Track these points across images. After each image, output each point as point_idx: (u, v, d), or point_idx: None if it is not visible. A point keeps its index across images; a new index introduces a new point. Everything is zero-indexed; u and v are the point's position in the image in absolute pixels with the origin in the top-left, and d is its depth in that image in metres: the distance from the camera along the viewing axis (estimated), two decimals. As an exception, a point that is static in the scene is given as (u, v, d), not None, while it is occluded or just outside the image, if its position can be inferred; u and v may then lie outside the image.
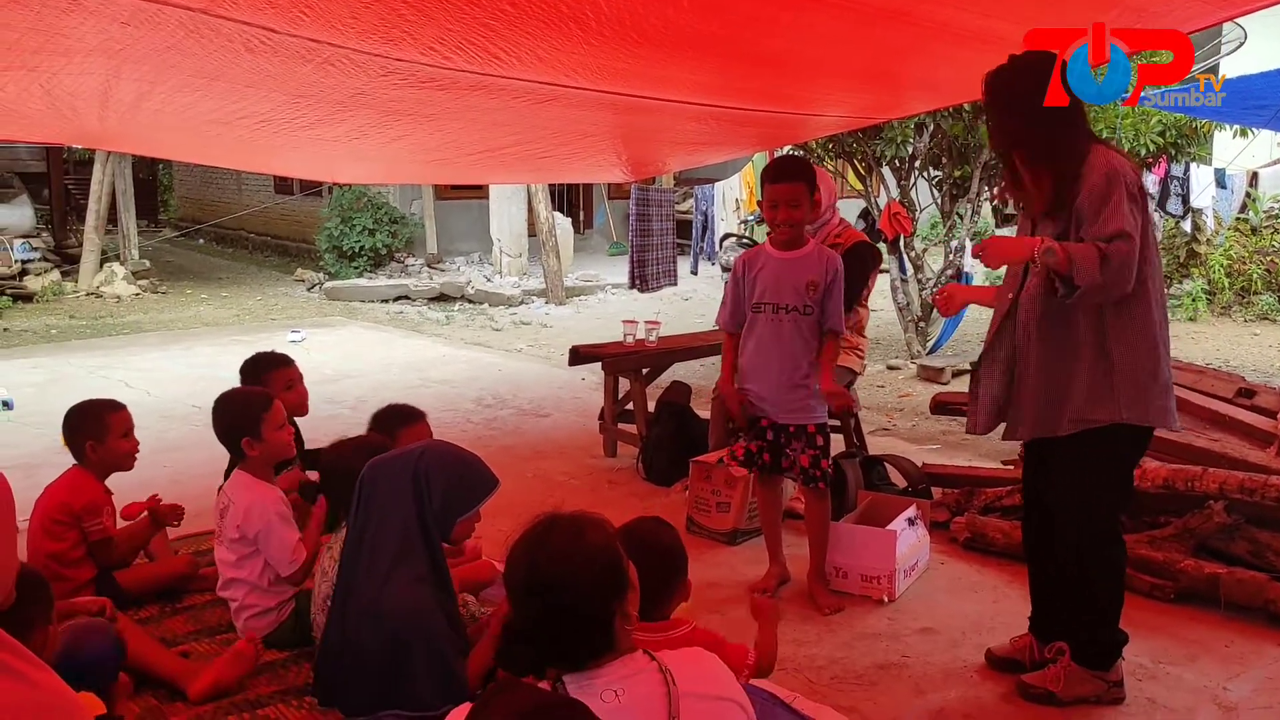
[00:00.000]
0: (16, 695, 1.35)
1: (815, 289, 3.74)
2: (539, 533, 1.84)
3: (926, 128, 8.42)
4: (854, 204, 12.26)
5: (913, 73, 4.56)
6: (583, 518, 1.89)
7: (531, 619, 1.79)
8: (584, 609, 1.77)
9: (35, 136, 6.37)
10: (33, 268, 13.44)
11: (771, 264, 3.82)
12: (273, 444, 3.46)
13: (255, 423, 3.42)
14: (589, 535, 1.84)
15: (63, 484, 3.61)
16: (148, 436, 3.87)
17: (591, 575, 1.79)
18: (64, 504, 3.54)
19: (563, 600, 1.76)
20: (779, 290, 3.78)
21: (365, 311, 12.43)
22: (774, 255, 3.83)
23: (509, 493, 2.37)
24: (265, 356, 4.20)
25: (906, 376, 8.51)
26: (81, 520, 3.53)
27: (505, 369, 8.71)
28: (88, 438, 3.62)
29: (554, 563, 1.79)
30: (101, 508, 3.60)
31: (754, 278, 3.85)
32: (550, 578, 1.78)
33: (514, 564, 1.85)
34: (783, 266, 3.79)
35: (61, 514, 3.53)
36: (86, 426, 3.63)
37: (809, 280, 3.74)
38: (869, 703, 3.14)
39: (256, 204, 17.76)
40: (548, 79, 4.33)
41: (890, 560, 3.85)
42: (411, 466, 2.74)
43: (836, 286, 3.76)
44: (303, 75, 4.04)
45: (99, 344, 9.99)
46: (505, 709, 1.38)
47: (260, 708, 2.99)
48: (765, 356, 3.82)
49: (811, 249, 3.81)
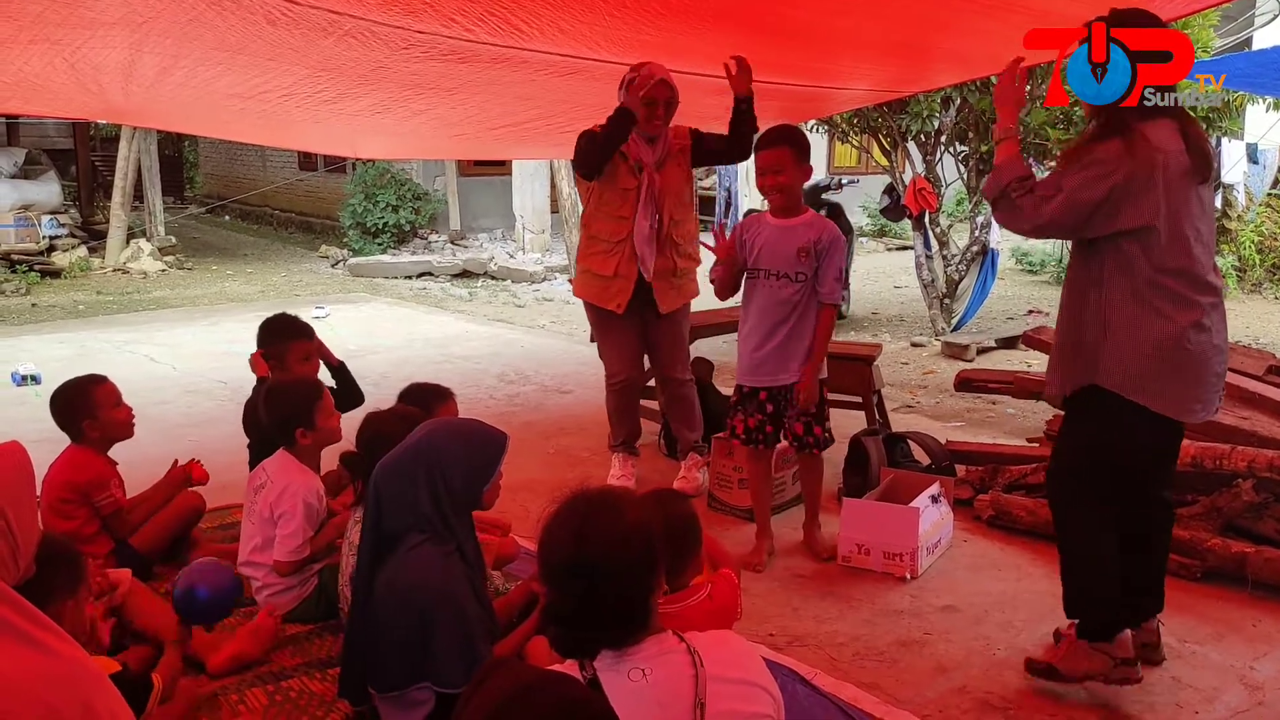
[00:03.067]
0: (36, 664, 1.35)
1: (807, 255, 3.82)
2: (578, 514, 1.82)
3: (953, 102, 8.32)
4: (879, 179, 12.17)
5: (940, 44, 4.51)
6: (618, 497, 1.88)
7: (575, 601, 1.76)
8: (628, 589, 1.77)
9: (61, 111, 6.40)
10: (60, 244, 13.55)
11: (767, 230, 3.93)
12: (324, 432, 3.50)
13: (309, 413, 3.46)
14: (629, 515, 1.82)
15: (64, 464, 3.62)
16: (173, 411, 3.90)
17: (636, 556, 1.78)
18: (69, 482, 3.56)
19: (609, 582, 1.75)
20: (773, 256, 3.88)
21: (389, 288, 12.46)
22: (770, 222, 3.94)
23: (531, 469, 2.36)
24: (288, 323, 4.11)
25: (931, 353, 8.45)
26: (90, 496, 3.55)
27: (528, 345, 8.71)
28: (82, 417, 3.62)
29: (600, 545, 1.77)
30: (108, 480, 3.61)
31: (751, 243, 3.95)
32: (597, 559, 1.76)
33: (555, 546, 1.81)
34: (777, 233, 3.89)
35: (69, 493, 3.55)
36: (78, 405, 3.63)
37: (800, 246, 3.83)
38: (890, 679, 3.13)
39: (281, 180, 17.82)
40: (570, 51, 4.31)
41: (913, 537, 3.82)
42: (423, 461, 2.66)
43: (830, 256, 3.84)
44: (324, 48, 4.03)
45: (126, 319, 10.07)
46: (494, 687, 1.37)
47: (284, 679, 3.01)
48: (760, 320, 3.92)
49: (807, 218, 3.91)
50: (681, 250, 4.63)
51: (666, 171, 4.53)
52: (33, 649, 1.36)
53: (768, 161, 3.81)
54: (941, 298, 8.99)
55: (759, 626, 3.39)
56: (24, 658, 1.34)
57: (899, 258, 14.28)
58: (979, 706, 2.98)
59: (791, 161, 3.79)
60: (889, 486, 4.26)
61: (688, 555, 2.50)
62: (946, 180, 9.11)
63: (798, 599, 3.69)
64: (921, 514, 3.86)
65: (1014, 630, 3.45)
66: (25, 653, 1.35)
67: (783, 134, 3.87)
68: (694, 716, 1.71)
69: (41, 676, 1.35)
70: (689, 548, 2.51)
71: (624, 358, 4.74)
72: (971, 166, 8.88)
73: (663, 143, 4.52)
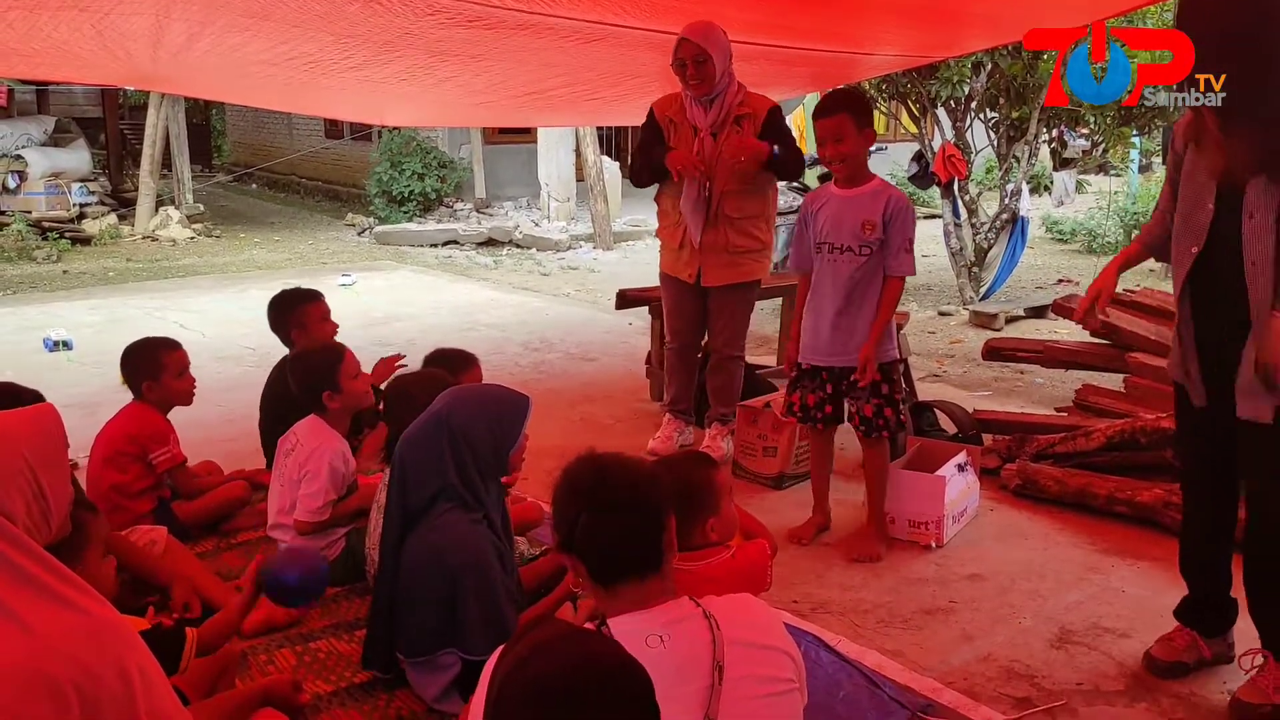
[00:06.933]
0: (71, 623, 1.37)
1: (872, 228, 3.63)
2: (588, 484, 1.87)
3: (984, 67, 8.21)
4: (906, 147, 12.04)
5: (971, 8, 4.43)
6: (633, 467, 1.92)
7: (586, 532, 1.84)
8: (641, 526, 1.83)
9: (90, 78, 6.44)
10: (90, 211, 13.65)
11: (833, 202, 3.74)
12: (351, 393, 3.52)
13: (333, 376, 3.48)
14: (639, 464, 1.93)
15: (126, 416, 3.69)
16: (203, 377, 3.94)
17: (645, 494, 1.86)
18: (129, 435, 3.61)
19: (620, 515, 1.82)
20: (837, 230, 3.70)
21: (414, 256, 12.49)
22: (835, 194, 3.75)
23: (556, 435, 2.36)
24: (295, 291, 4.24)
25: (958, 322, 8.39)
26: (148, 450, 3.60)
27: (553, 313, 8.72)
28: (144, 378, 3.68)
29: (610, 480, 1.86)
30: (167, 436, 3.68)
31: (816, 216, 3.79)
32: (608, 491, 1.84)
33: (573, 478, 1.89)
34: (842, 205, 3.71)
35: (127, 445, 3.60)
36: (143, 366, 3.70)
37: (865, 219, 3.64)
38: (915, 647, 3.13)
39: (307, 149, 17.84)
40: (595, 17, 4.27)
41: (939, 506, 3.81)
42: (445, 430, 2.67)
43: (897, 227, 3.63)
44: (350, 14, 4.03)
45: (155, 286, 10.15)
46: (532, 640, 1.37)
47: (312, 641, 3.05)
48: (822, 298, 3.76)
49: (873, 187, 3.70)
50: (737, 226, 4.47)
51: (723, 138, 4.36)
52: (67, 608, 1.38)
53: (827, 130, 3.60)
54: (970, 266, 8.90)
55: (784, 593, 3.39)
56: (59, 617, 1.37)
57: (926, 226, 14.08)
58: (1004, 674, 2.97)
59: (852, 128, 3.57)
60: (915, 455, 4.24)
61: (699, 511, 2.50)
62: (976, 147, 9.00)
63: (822, 566, 3.70)
64: (948, 482, 3.84)
65: (1040, 599, 3.44)
66: (60, 612, 1.37)
67: (841, 100, 3.71)
68: (712, 679, 1.71)
69: (76, 636, 1.37)
70: (701, 504, 2.51)
71: (679, 323, 4.77)
72: (1002, 133, 8.77)
73: (720, 106, 4.35)
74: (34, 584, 1.37)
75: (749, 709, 1.73)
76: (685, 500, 2.44)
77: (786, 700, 1.80)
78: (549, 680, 1.28)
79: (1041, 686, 2.91)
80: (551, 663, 1.30)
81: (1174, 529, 3.27)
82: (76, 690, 1.34)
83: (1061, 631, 3.22)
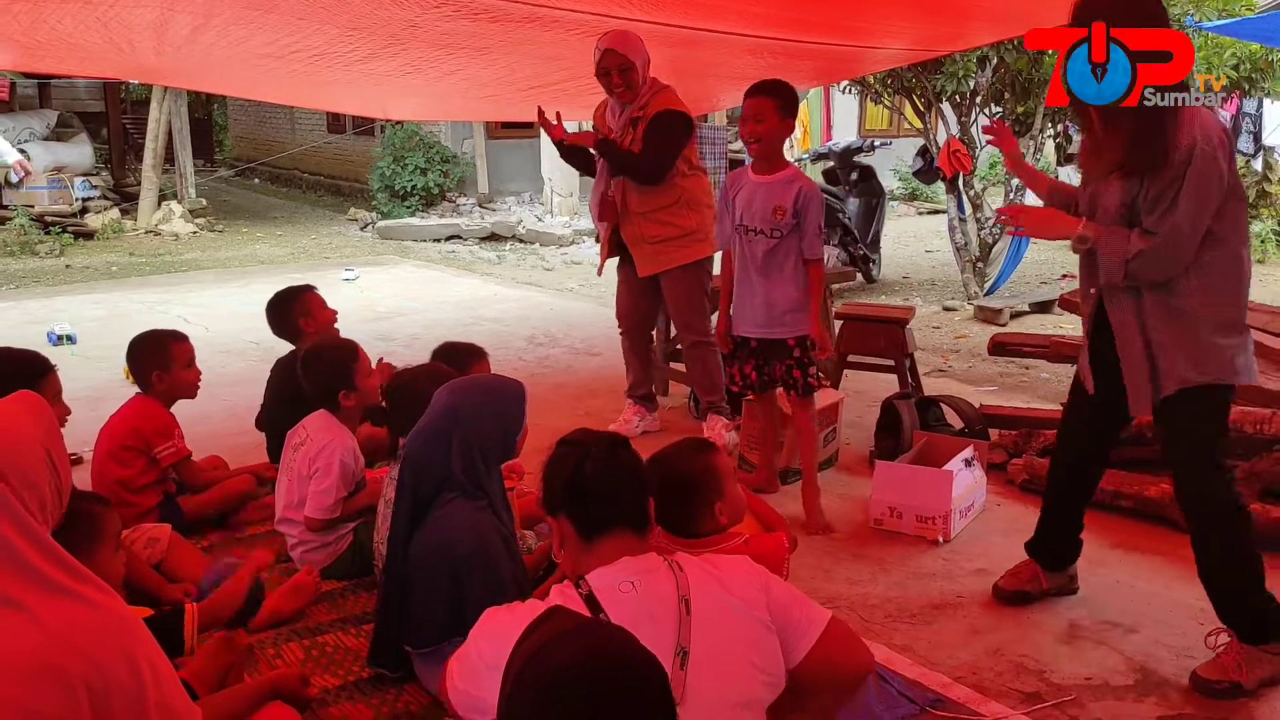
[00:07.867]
0: (78, 617, 1.37)
1: (783, 214, 3.82)
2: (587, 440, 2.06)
3: (989, 61, 8.18)
4: (911, 142, 12.01)
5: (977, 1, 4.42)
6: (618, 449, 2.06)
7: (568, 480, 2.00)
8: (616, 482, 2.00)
9: (94, 70, 6.42)
10: (93, 206, 13.63)
11: (749, 186, 3.92)
12: (365, 391, 3.52)
13: (349, 374, 3.48)
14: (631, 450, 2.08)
15: (130, 410, 3.68)
16: (205, 371, 3.93)
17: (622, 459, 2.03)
18: (134, 429, 3.61)
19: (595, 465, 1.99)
20: (751, 213, 3.89)
21: (417, 251, 12.48)
22: (751, 179, 3.93)
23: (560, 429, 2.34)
24: (289, 290, 4.28)
25: (963, 318, 8.38)
26: (152, 444, 3.60)
27: (557, 308, 8.70)
28: (153, 368, 3.68)
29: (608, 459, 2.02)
30: (171, 430, 3.68)
31: (734, 198, 3.96)
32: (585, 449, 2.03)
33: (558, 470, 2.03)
34: (755, 189, 3.90)
35: (132, 439, 3.60)
36: (151, 357, 3.69)
37: (776, 205, 3.82)
38: (923, 641, 3.13)
39: (309, 143, 17.81)
40: (602, 10, 4.26)
41: (946, 501, 3.80)
42: (451, 424, 2.68)
43: (809, 215, 3.82)
44: (355, 6, 4.01)
45: (158, 281, 10.15)
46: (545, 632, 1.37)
47: (319, 635, 3.05)
48: (744, 275, 3.96)
49: (786, 175, 3.87)
50: (650, 218, 4.67)
51: (626, 140, 4.58)
52: (77, 602, 1.37)
53: (750, 109, 3.78)
54: (974, 261, 8.88)
55: (790, 588, 3.38)
56: (69, 611, 1.36)
57: (931, 221, 14.13)
58: (1013, 669, 2.97)
59: (774, 112, 3.76)
60: (922, 450, 4.24)
61: (705, 496, 2.50)
62: (981, 142, 8.97)
63: (829, 561, 3.69)
64: (955, 477, 3.83)
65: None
66: (70, 606, 1.37)
67: (772, 86, 3.83)
68: (680, 612, 1.82)
69: (86, 629, 1.36)
70: (705, 488, 2.51)
71: (621, 310, 5.10)
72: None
73: (630, 111, 4.57)
74: (44, 577, 1.36)
75: (717, 633, 1.84)
76: (689, 487, 2.48)
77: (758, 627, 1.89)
78: (564, 673, 1.27)
79: (1050, 681, 2.90)
80: (566, 655, 1.30)
81: (1180, 524, 3.27)
82: (86, 683, 1.33)
83: (1070, 626, 3.21)
